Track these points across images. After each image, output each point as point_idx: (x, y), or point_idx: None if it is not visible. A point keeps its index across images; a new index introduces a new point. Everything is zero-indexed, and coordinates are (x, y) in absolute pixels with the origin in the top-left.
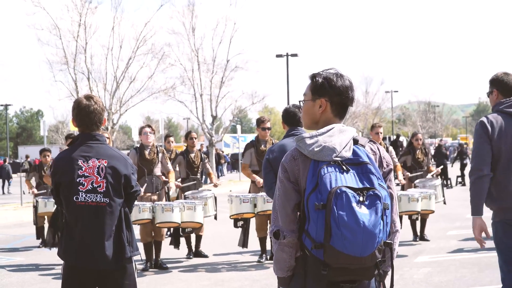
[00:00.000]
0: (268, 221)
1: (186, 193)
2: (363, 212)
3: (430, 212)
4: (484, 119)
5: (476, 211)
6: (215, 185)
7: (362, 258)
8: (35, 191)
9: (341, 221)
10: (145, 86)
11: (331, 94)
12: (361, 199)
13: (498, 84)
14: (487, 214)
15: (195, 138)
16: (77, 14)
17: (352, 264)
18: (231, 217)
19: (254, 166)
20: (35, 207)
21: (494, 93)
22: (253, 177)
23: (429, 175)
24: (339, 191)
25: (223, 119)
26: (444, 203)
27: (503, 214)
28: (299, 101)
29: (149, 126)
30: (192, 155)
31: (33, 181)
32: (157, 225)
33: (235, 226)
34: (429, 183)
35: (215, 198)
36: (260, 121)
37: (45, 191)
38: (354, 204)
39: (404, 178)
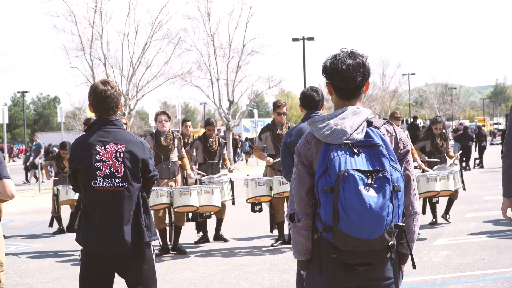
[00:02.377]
0: (286, 204)
1: (202, 178)
2: (370, 195)
3: (449, 192)
4: None
5: (507, 194)
6: (230, 170)
7: (370, 241)
8: (50, 175)
9: (347, 204)
10: (162, 71)
11: (329, 77)
12: (369, 181)
13: None
14: None
15: (213, 131)
16: (92, 0)
17: (360, 247)
18: (248, 201)
19: (271, 150)
20: (56, 195)
21: None
22: (263, 157)
23: (449, 161)
24: (346, 174)
25: (239, 104)
26: (464, 189)
27: None
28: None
29: (164, 113)
30: (210, 139)
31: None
32: (175, 209)
33: (253, 210)
34: (448, 170)
35: (232, 182)
36: (276, 106)
37: (63, 177)
38: (361, 187)
39: (422, 161)
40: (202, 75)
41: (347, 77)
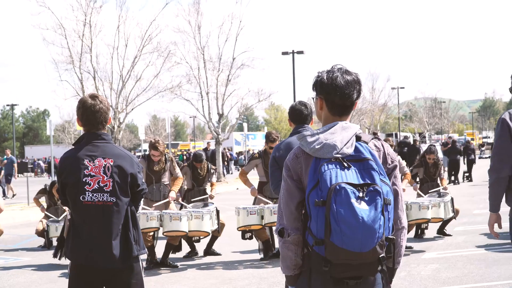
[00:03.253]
0: (266, 228)
1: (188, 207)
2: (362, 208)
3: (439, 220)
4: (505, 115)
5: (494, 208)
6: (211, 197)
7: (363, 253)
8: (44, 208)
9: (339, 217)
10: (151, 84)
11: (324, 93)
12: (360, 195)
13: None
14: (504, 209)
15: (199, 166)
16: (82, 13)
17: (352, 259)
18: (239, 229)
19: (262, 177)
20: (46, 231)
21: None
22: (249, 184)
23: (440, 188)
24: (338, 188)
25: (229, 117)
26: (454, 218)
27: None
28: (311, 98)
29: (157, 149)
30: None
31: (42, 201)
32: (164, 233)
33: (243, 238)
34: (440, 199)
35: (218, 212)
36: (269, 140)
37: (55, 209)
38: (353, 200)
39: (414, 189)
40: (191, 88)
41: (346, 93)
